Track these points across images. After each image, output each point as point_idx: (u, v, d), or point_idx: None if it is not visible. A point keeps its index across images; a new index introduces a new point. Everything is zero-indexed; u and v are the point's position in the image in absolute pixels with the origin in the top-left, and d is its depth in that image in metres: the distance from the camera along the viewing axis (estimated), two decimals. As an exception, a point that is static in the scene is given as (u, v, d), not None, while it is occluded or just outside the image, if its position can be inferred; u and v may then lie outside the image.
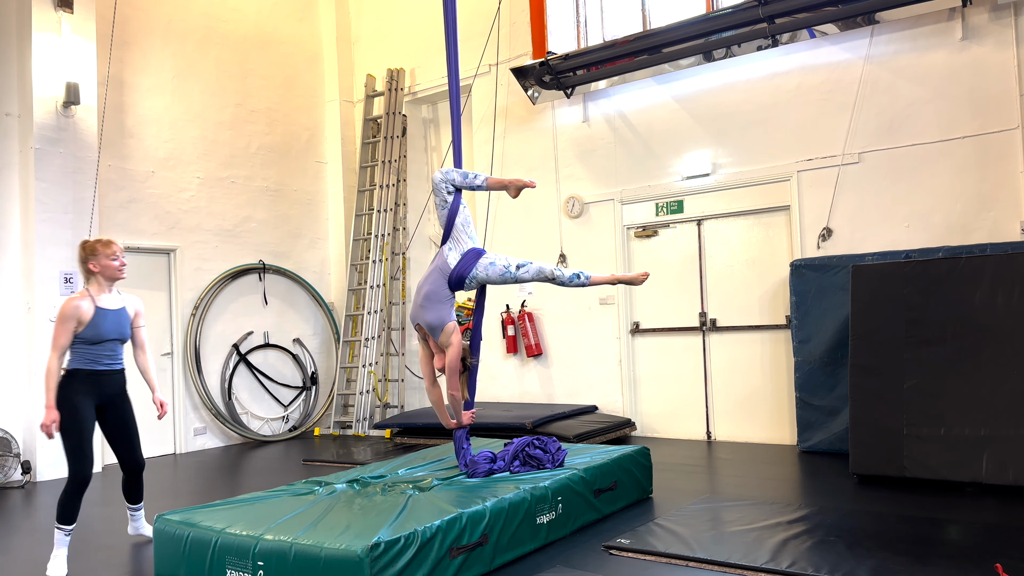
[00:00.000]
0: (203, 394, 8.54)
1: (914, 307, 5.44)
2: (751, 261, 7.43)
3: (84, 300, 4.26)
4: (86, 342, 4.23)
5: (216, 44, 9.04)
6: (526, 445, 4.81)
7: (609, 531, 4.47)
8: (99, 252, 4.34)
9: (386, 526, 3.48)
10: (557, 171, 8.53)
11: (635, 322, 8.09)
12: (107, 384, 4.34)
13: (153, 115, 8.39)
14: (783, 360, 7.17)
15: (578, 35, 8.54)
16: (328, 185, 10.24)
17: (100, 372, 4.30)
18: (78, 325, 4.19)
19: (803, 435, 6.67)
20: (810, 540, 4.01)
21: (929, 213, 6.48)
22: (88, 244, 4.39)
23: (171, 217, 8.46)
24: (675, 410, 7.82)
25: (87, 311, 4.23)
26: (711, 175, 7.57)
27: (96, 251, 4.34)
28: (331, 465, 7.17)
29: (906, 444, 5.25)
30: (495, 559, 3.86)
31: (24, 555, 4.60)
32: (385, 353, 9.52)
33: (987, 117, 6.26)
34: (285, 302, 9.61)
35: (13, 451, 6.83)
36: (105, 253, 4.34)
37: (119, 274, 4.39)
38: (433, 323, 4.53)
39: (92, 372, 4.26)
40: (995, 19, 6.25)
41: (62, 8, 7.28)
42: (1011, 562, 3.54)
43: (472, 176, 4.68)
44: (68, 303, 4.21)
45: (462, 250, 4.60)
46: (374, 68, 10.17)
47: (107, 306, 4.34)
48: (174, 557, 3.80)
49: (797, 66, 7.12)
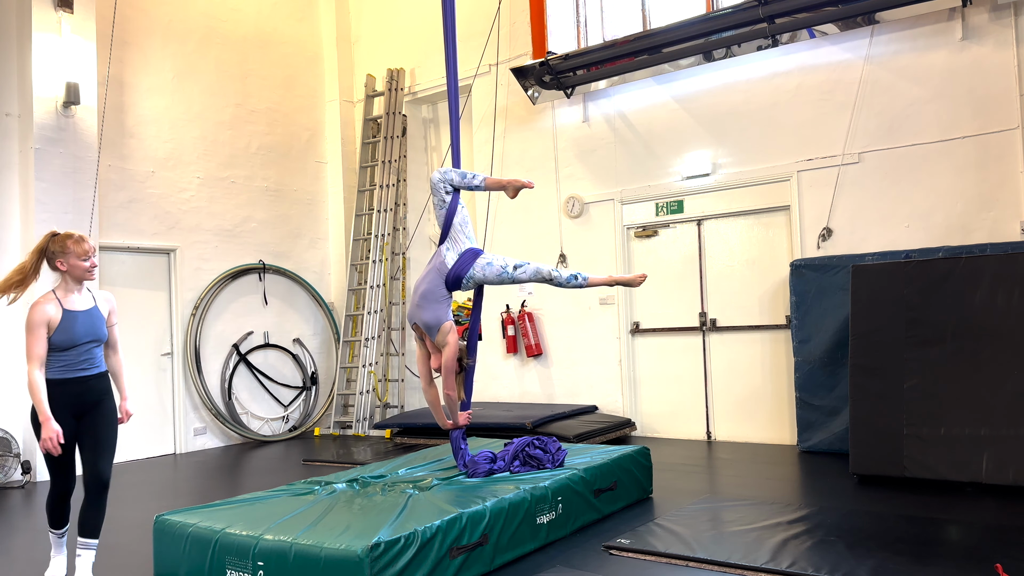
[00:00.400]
0: (203, 394, 8.54)
1: (914, 307, 5.44)
2: (751, 261, 7.43)
3: (50, 303, 3.82)
4: (58, 349, 3.81)
5: (216, 44, 9.04)
6: (526, 445, 4.81)
7: (609, 531, 4.47)
8: (69, 250, 3.86)
9: (386, 526, 3.48)
10: (557, 171, 8.53)
11: (635, 322, 8.09)
12: (86, 392, 3.89)
13: (153, 115, 8.39)
14: (783, 360, 7.17)
15: (578, 35, 8.54)
16: (328, 185, 10.24)
17: (77, 380, 3.86)
18: (48, 330, 3.79)
19: (803, 435, 6.67)
20: (810, 540, 4.01)
21: (929, 213, 6.48)
22: (58, 239, 3.88)
23: (171, 217, 8.46)
24: (675, 410, 7.82)
25: (55, 315, 3.80)
26: (711, 175, 7.57)
27: (66, 249, 3.86)
28: (331, 465, 7.17)
29: (906, 444, 5.25)
30: (495, 559, 3.86)
31: (24, 555, 4.60)
32: (385, 353, 9.52)
33: (987, 117, 6.26)
34: (285, 302, 9.61)
35: (13, 451, 6.84)
36: (76, 252, 3.87)
37: (89, 276, 3.94)
38: (430, 323, 4.53)
39: (67, 381, 3.83)
40: (995, 19, 6.25)
41: (62, 8, 7.28)
42: (1011, 562, 3.54)
43: (470, 176, 4.68)
44: (34, 309, 3.79)
45: (460, 250, 4.61)
46: (374, 68, 10.18)
47: (76, 307, 3.90)
48: (174, 557, 3.80)
49: (797, 66, 7.12)
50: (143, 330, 8.24)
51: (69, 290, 3.92)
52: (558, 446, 4.91)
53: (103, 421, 3.95)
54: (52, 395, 3.78)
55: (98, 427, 3.93)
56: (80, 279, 3.93)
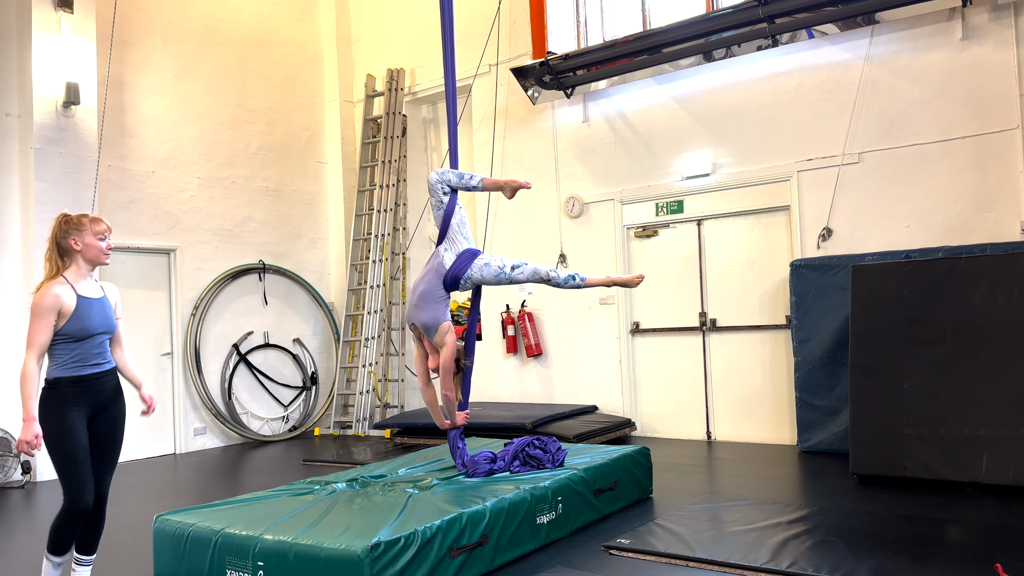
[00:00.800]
0: (203, 394, 8.54)
1: (914, 307, 5.44)
2: (751, 261, 7.43)
3: (62, 287, 3.44)
4: (71, 338, 3.43)
5: (216, 44, 9.04)
6: (526, 445, 4.81)
7: (609, 531, 4.47)
8: (85, 227, 3.52)
9: (386, 526, 3.48)
10: (557, 171, 8.53)
11: (635, 322, 8.09)
12: (100, 389, 3.55)
13: (153, 115, 8.39)
14: (783, 360, 7.16)
15: (578, 35, 8.54)
16: (328, 185, 10.24)
17: (90, 377, 3.50)
18: (59, 319, 3.41)
19: (803, 435, 6.67)
20: (810, 540, 4.01)
21: (929, 213, 6.48)
22: (72, 218, 3.55)
23: (171, 217, 8.46)
24: (675, 410, 7.82)
25: (68, 301, 3.42)
26: (711, 175, 7.57)
27: (82, 226, 3.52)
28: (331, 465, 7.17)
29: (906, 444, 5.25)
30: (495, 559, 3.86)
31: (24, 555, 4.60)
32: (385, 353, 9.52)
33: (987, 117, 6.26)
34: (285, 302, 9.61)
35: (13, 451, 6.83)
36: (93, 230, 3.55)
37: (103, 259, 3.59)
38: (428, 323, 4.54)
39: (80, 379, 3.47)
40: (995, 19, 6.25)
41: (62, 8, 7.28)
42: (1011, 562, 3.54)
43: (468, 177, 4.68)
44: (46, 292, 3.40)
45: (457, 250, 4.61)
46: (374, 68, 10.17)
47: (89, 294, 3.54)
48: (174, 557, 3.80)
49: (797, 66, 7.12)
50: (143, 330, 8.24)
51: (81, 275, 3.55)
52: (558, 446, 4.91)
53: (114, 427, 3.63)
54: (66, 395, 3.43)
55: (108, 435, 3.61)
56: (94, 262, 3.57)
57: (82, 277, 3.55)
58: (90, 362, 3.52)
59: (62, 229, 3.51)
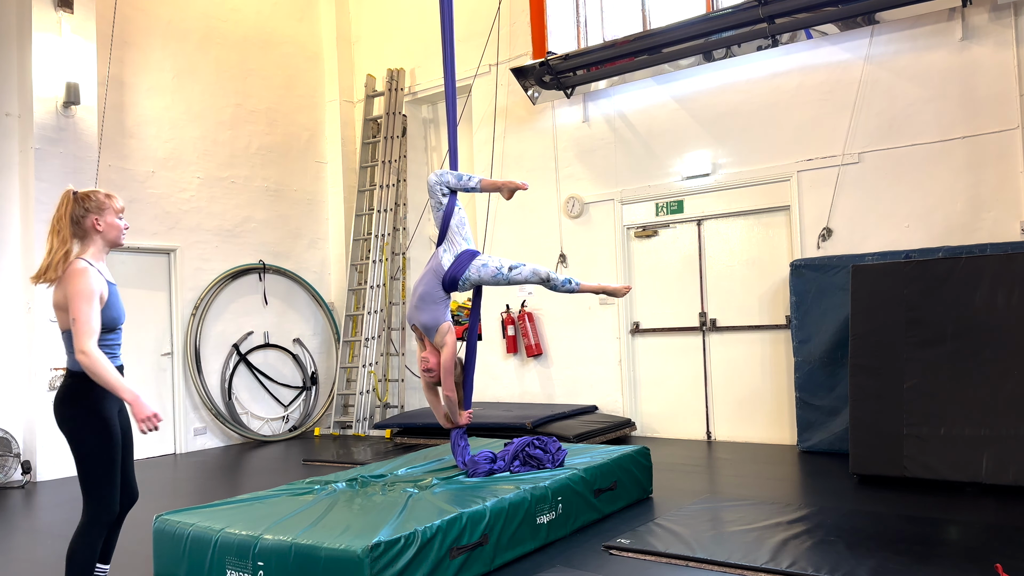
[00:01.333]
0: (203, 394, 8.54)
1: (914, 307, 5.44)
2: (751, 261, 7.43)
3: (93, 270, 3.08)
4: (104, 328, 3.07)
5: (216, 44, 9.04)
6: (526, 445, 4.81)
7: (609, 531, 4.47)
8: (106, 206, 3.20)
9: (386, 526, 3.48)
10: (557, 171, 8.53)
11: (635, 322, 8.09)
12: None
13: (153, 115, 8.39)
14: (783, 360, 7.16)
15: (578, 35, 8.54)
16: (328, 185, 10.24)
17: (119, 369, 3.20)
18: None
19: (803, 435, 6.67)
20: (810, 540, 4.01)
21: (929, 213, 6.48)
22: (88, 195, 3.19)
23: (171, 217, 8.46)
24: (675, 410, 7.82)
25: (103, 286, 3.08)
26: (711, 175, 7.57)
27: (103, 205, 3.19)
28: (331, 465, 7.17)
29: (906, 444, 5.25)
30: (495, 559, 3.86)
31: (24, 555, 4.60)
32: (385, 353, 9.52)
33: (987, 117, 6.26)
34: (285, 302, 9.61)
35: (13, 451, 6.83)
36: (114, 208, 3.24)
37: (121, 240, 3.30)
38: (428, 324, 4.54)
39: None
40: (995, 19, 6.25)
41: (62, 8, 7.28)
42: (1011, 562, 3.54)
43: (466, 178, 4.70)
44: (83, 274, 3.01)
45: (456, 251, 4.62)
46: (374, 68, 10.17)
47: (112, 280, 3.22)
48: (174, 557, 3.80)
49: (797, 66, 7.12)
50: (143, 330, 8.24)
51: (99, 258, 3.20)
52: (558, 446, 4.91)
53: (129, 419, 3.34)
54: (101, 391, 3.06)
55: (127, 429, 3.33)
56: (114, 243, 3.26)
57: (100, 260, 3.21)
58: (117, 354, 3.21)
59: (80, 207, 3.15)
